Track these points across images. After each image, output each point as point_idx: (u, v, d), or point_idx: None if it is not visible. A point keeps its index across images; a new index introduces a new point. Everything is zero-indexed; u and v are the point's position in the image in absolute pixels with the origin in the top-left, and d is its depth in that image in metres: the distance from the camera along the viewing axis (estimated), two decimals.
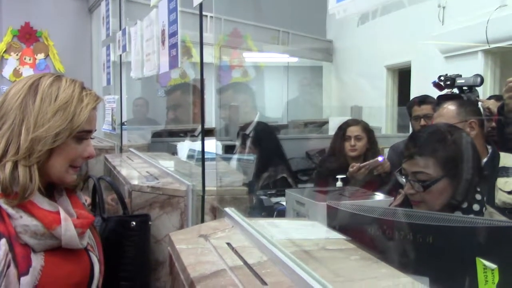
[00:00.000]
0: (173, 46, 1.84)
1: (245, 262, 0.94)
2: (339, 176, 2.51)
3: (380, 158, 2.56)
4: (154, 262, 1.75)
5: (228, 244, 1.05)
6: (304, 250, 1.02)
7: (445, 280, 1.06)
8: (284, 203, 2.28)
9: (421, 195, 1.41)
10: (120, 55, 3.05)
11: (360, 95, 5.37)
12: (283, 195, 2.42)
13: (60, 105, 1.26)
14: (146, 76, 2.33)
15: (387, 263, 0.99)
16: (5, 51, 4.30)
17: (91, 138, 1.36)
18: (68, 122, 1.25)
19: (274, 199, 2.57)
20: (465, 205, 1.41)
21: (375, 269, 0.95)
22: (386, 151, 3.24)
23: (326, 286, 0.77)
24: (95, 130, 1.36)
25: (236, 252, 0.99)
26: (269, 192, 2.71)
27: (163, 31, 1.96)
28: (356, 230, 1.18)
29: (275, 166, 2.88)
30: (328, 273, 0.88)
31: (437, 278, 1.05)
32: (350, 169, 2.49)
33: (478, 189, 1.46)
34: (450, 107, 2.07)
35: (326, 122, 4.66)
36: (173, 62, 1.85)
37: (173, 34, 1.85)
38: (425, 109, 2.89)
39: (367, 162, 2.51)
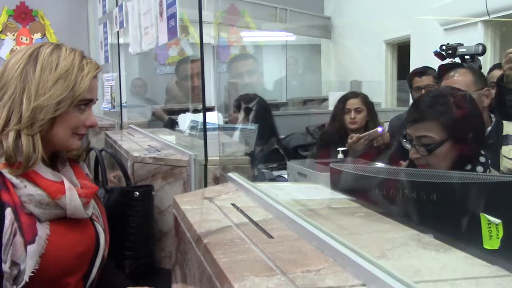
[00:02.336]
0: (171, 16, 1.83)
1: (251, 220, 0.94)
2: (340, 149, 2.52)
3: (379, 129, 2.56)
4: (158, 232, 1.76)
5: (233, 204, 1.06)
6: (309, 209, 1.03)
7: (449, 236, 1.06)
8: (285, 176, 2.28)
9: (426, 159, 1.41)
10: (118, 32, 3.03)
11: (360, 71, 5.34)
12: (285, 168, 2.43)
13: (61, 73, 1.26)
14: (145, 51, 2.31)
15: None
16: (1, 32, 4.26)
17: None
18: (69, 91, 1.25)
19: (276, 172, 2.59)
20: (468, 167, 1.42)
21: (380, 224, 0.95)
22: (386, 125, 3.24)
23: (333, 237, 0.78)
24: (97, 99, 1.36)
25: (241, 211, 1.00)
26: (270, 166, 2.72)
27: (160, 2, 1.94)
28: (360, 191, 1.19)
29: (269, 140, 2.90)
30: (334, 227, 0.89)
31: (441, 235, 1.06)
32: (349, 140, 2.48)
33: (483, 152, 1.47)
34: (467, 75, 2.04)
35: (325, 99, 4.65)
36: (171, 33, 1.84)
37: (171, 4, 1.83)
38: (426, 80, 2.88)
39: (366, 133, 2.51)
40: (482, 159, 1.45)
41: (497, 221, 1.03)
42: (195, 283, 0.88)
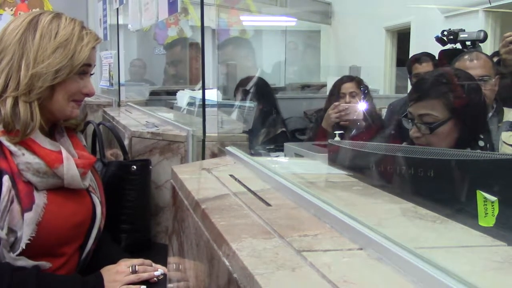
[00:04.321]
0: None
1: (249, 189, 0.94)
2: (336, 132, 2.51)
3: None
4: (154, 207, 1.76)
5: (231, 175, 1.06)
6: (307, 181, 1.03)
7: (446, 213, 1.07)
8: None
9: (427, 138, 1.40)
10: (117, 9, 3.00)
11: (359, 57, 5.33)
12: (282, 150, 2.43)
13: (60, 42, 1.25)
14: (144, 27, 2.29)
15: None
16: None
17: (91, 74, 1.36)
18: (68, 60, 1.25)
19: (273, 154, 2.58)
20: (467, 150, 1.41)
21: (378, 197, 0.96)
22: (384, 111, 3.24)
23: (331, 205, 0.78)
24: (95, 65, 1.35)
25: (239, 182, 1.00)
26: (267, 147, 2.72)
27: None
28: (358, 166, 1.19)
29: (274, 121, 2.88)
30: (332, 198, 0.89)
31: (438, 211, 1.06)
32: (330, 111, 2.49)
33: (482, 136, 1.46)
34: (486, 59, 2.01)
35: (324, 85, 4.64)
36: (172, 7, 1.82)
37: None
38: (426, 66, 2.87)
39: (348, 105, 2.50)
40: (481, 143, 1.45)
41: (493, 198, 1.04)
42: (192, 250, 0.88)
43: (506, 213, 1.02)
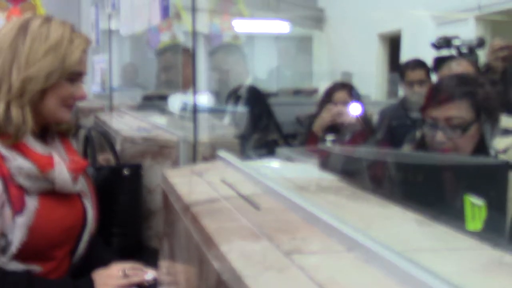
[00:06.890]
0: None
1: (239, 193, 0.95)
2: (328, 138, 2.53)
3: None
4: (146, 211, 1.77)
5: (222, 180, 1.07)
6: (297, 185, 1.04)
7: (434, 217, 1.08)
8: None
9: (454, 142, 1.35)
10: (109, 14, 3.01)
11: (351, 64, 5.36)
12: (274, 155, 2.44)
13: (51, 45, 1.26)
14: (137, 32, 2.30)
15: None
16: None
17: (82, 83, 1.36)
18: (59, 62, 1.25)
19: (265, 159, 2.58)
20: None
21: (366, 201, 0.97)
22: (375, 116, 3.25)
23: (319, 208, 0.79)
24: (86, 74, 1.36)
25: (229, 186, 1.01)
26: (259, 152, 2.72)
27: None
28: (348, 171, 1.20)
29: (266, 128, 2.88)
30: (321, 201, 0.90)
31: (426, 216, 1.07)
32: (323, 114, 2.49)
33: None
34: (468, 66, 2.03)
35: (315, 91, 4.66)
36: (164, 12, 1.83)
37: None
38: (419, 74, 2.87)
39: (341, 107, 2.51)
40: (492, 152, 1.43)
41: (480, 203, 1.06)
42: (182, 253, 0.89)
43: (491, 217, 1.04)
